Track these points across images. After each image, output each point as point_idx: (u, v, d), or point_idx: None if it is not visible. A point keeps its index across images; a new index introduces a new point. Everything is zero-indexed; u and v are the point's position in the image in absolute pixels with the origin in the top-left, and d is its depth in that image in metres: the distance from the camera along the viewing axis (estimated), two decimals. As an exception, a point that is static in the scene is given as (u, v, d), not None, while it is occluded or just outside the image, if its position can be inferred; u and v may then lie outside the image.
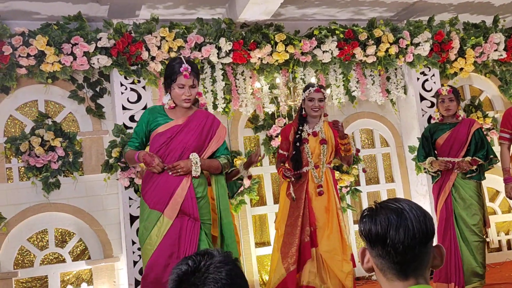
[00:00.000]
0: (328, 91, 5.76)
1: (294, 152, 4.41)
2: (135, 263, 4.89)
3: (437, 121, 4.96)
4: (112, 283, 5.02)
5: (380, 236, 1.49)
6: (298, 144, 4.42)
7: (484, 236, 4.76)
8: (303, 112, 4.51)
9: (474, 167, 4.67)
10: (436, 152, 4.86)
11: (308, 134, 4.44)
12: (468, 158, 4.68)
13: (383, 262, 1.51)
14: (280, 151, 4.56)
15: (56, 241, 5.03)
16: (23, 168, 4.94)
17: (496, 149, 6.28)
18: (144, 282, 3.51)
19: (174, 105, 3.60)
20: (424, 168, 4.93)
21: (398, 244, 1.47)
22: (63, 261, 5.02)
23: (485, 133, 6.13)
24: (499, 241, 6.31)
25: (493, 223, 6.32)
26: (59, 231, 5.07)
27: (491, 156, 4.78)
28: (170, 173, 3.49)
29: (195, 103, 3.82)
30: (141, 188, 3.68)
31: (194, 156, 3.52)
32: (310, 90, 4.48)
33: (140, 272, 4.88)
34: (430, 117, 5.81)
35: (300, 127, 4.48)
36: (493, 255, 6.19)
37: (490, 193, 6.41)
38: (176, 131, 3.57)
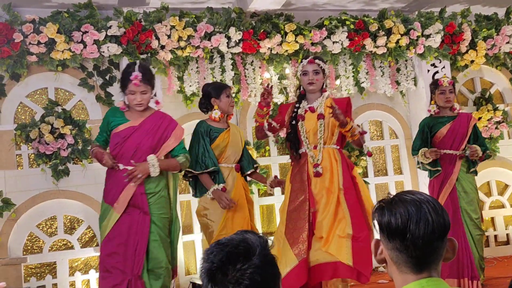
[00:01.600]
0: (337, 82, 5.75)
1: (289, 131, 4.09)
2: (143, 250, 4.91)
3: (433, 114, 4.87)
4: (120, 270, 5.05)
5: (400, 230, 1.45)
6: (293, 122, 4.05)
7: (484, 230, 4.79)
8: (301, 89, 4.15)
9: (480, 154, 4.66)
10: (434, 146, 4.80)
11: (306, 111, 4.04)
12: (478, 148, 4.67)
13: (399, 255, 1.48)
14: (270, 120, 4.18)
15: (65, 228, 5.07)
16: (33, 155, 4.97)
17: (506, 142, 6.27)
18: (100, 268, 3.80)
19: (125, 107, 3.85)
20: (419, 164, 4.86)
21: (418, 239, 1.44)
22: (72, 247, 5.06)
23: (495, 126, 6.13)
24: (507, 234, 6.29)
25: (501, 216, 6.30)
26: (68, 218, 5.11)
27: (488, 151, 4.77)
28: (128, 181, 3.69)
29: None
30: None
31: (151, 158, 3.72)
32: (303, 63, 4.06)
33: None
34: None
35: (297, 105, 4.11)
36: (501, 249, 6.17)
37: (499, 187, 6.38)
38: (131, 132, 3.79)
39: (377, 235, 1.58)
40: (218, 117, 4.25)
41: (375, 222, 1.53)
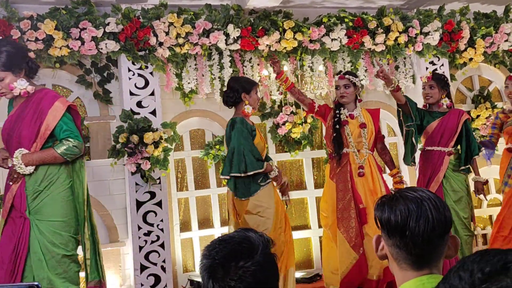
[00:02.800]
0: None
1: (334, 134, 4.49)
2: (140, 248, 4.92)
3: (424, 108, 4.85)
4: (117, 268, 5.05)
5: (400, 227, 1.45)
6: (337, 126, 4.52)
7: (473, 231, 4.74)
8: (336, 99, 4.70)
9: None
10: (422, 142, 4.80)
11: (346, 117, 4.56)
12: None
13: (399, 252, 1.48)
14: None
15: (63, 225, 5.05)
16: (30, 152, 4.95)
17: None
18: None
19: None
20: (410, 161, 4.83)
21: (418, 237, 1.44)
22: (70, 245, 5.04)
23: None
24: (505, 232, 6.29)
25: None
26: (66, 215, 5.09)
27: (478, 152, 4.73)
28: (8, 181, 3.32)
29: None
30: None
31: (15, 154, 3.25)
32: (335, 78, 4.67)
33: (146, 257, 4.91)
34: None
35: (337, 111, 4.59)
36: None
37: (497, 185, 6.39)
38: (11, 121, 3.33)
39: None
40: (251, 113, 4.28)
41: (376, 218, 1.53)
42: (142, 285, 4.88)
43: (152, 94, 5.15)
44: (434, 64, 5.98)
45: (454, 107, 4.93)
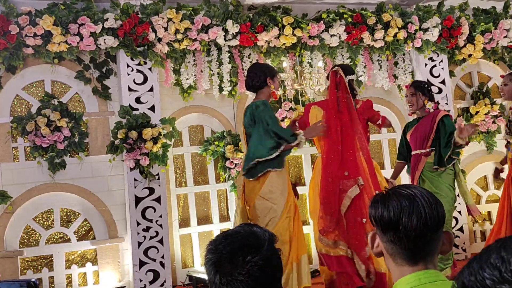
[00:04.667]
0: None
1: None
2: (139, 243, 4.92)
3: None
4: (116, 263, 5.06)
5: (393, 222, 1.47)
6: None
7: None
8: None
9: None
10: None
11: None
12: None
13: (394, 247, 1.50)
14: None
15: (62, 221, 5.07)
16: (29, 148, 4.96)
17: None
18: None
19: None
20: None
21: (411, 231, 1.45)
22: (68, 240, 5.06)
23: (492, 120, 6.10)
24: (504, 228, 6.30)
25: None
26: (65, 211, 5.10)
27: (445, 157, 4.52)
28: None
29: None
30: None
31: None
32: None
33: (145, 252, 4.92)
34: (437, 104, 5.76)
35: None
36: (497, 243, 6.18)
37: (495, 183, 6.39)
38: None
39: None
40: (277, 96, 4.33)
41: (370, 215, 1.55)
42: (141, 280, 4.89)
43: (151, 90, 5.15)
44: (433, 60, 5.98)
45: (438, 109, 4.83)
